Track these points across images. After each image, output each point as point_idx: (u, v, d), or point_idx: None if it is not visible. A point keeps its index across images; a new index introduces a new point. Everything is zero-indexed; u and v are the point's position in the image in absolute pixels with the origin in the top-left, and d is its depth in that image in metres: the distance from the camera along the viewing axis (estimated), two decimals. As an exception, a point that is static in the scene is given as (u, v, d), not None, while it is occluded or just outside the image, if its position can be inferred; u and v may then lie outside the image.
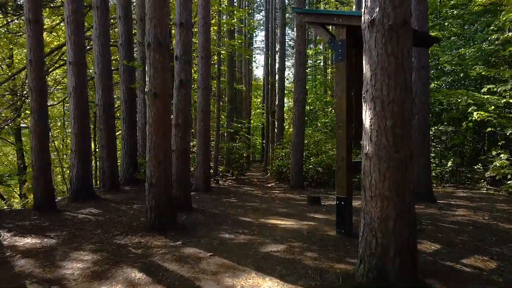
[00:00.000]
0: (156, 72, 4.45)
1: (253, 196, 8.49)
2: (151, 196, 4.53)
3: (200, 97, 8.26)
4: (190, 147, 6.22)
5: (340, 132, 4.31)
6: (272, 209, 6.30)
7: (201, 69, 8.23)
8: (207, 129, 8.40)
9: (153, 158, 4.49)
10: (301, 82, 10.25)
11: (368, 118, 2.89)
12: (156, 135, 4.48)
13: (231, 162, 13.31)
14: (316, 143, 11.86)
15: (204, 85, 8.23)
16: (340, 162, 4.33)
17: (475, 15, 12.98)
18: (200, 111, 8.27)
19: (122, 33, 9.36)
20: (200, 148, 8.29)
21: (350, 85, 4.32)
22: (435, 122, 12.20)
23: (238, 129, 15.24)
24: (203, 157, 8.31)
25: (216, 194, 8.36)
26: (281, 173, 12.34)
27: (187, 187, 5.94)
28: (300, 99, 10.25)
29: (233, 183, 11.69)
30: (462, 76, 12.28)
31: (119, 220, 5.32)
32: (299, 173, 10.20)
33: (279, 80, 15.77)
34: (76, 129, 6.81)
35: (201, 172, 8.30)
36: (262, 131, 34.63)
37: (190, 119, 5.97)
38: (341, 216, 4.36)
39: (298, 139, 10.19)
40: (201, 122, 8.27)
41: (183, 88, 5.80)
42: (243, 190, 9.96)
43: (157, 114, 4.48)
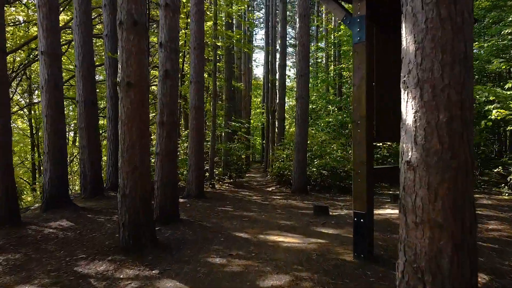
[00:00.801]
0: (130, 57, 3.59)
1: (252, 203, 7.63)
2: (124, 209, 3.68)
3: (193, 93, 7.41)
4: (177, 148, 5.37)
5: (358, 131, 3.45)
6: (272, 221, 5.44)
7: (194, 61, 7.37)
8: (201, 128, 7.55)
9: (126, 162, 3.63)
10: (304, 77, 9.39)
11: (410, 111, 2.03)
12: (129, 135, 3.62)
13: (228, 164, 12.45)
14: (320, 144, 11.00)
15: (197, 78, 7.38)
16: (358, 168, 3.47)
17: (484, 10, 12.22)
18: (192, 108, 7.42)
19: (108, 23, 8.49)
20: (192, 149, 7.44)
21: (371, 72, 3.46)
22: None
23: (236, 129, 14.38)
24: (196, 159, 7.45)
25: (210, 200, 7.50)
26: (282, 175, 11.49)
27: (173, 195, 5.09)
28: (303, 96, 9.39)
29: (231, 187, 10.83)
30: (477, 71, 11.44)
31: (91, 236, 4.46)
32: (302, 176, 9.35)
33: (280, 77, 14.90)
34: (49, 128, 5.96)
35: (193, 176, 7.45)
36: (262, 131, 33.78)
37: (177, 116, 5.13)
38: (360, 236, 3.50)
39: (301, 139, 9.34)
40: (194, 120, 7.41)
41: (168, 80, 4.95)
42: (240, 195, 9.10)
43: (131, 108, 3.62)
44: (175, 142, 5.09)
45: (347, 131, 15.60)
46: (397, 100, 4.12)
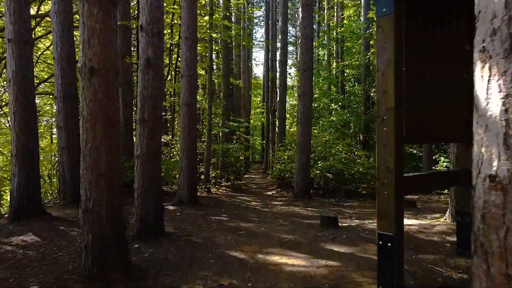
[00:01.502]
0: (93, 36, 2.84)
1: (250, 210, 6.87)
2: (87, 228, 2.92)
3: (184, 87, 6.65)
4: (161, 150, 4.61)
5: (384, 128, 2.68)
6: (273, 235, 4.67)
7: (185, 53, 6.62)
8: (193, 127, 6.79)
9: (88, 169, 2.88)
10: (307, 72, 8.63)
11: (496, 95, 1.27)
12: (93, 134, 2.86)
13: (226, 166, 11.70)
14: (324, 145, 10.24)
15: (189, 72, 6.62)
16: (384, 177, 2.70)
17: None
18: (183, 105, 6.66)
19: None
20: (184, 150, 6.68)
21: (400, 53, 2.70)
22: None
23: (235, 129, 13.63)
24: (188, 162, 6.69)
25: (204, 208, 6.74)
26: (283, 178, 10.73)
27: (157, 205, 4.33)
28: (306, 92, 8.63)
29: (228, 191, 10.07)
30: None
31: (55, 256, 3.71)
32: (305, 180, 8.59)
33: (281, 74, 14.16)
34: (17, 126, 5.20)
35: (185, 180, 6.69)
36: (262, 130, 33.04)
37: (161, 112, 4.37)
38: (386, 265, 2.74)
39: (304, 139, 8.58)
40: (185, 118, 6.66)
41: (150, 70, 4.19)
42: (238, 200, 8.34)
43: (95, 100, 2.87)
44: (158, 142, 4.33)
45: (351, 131, 14.85)
46: (431, 90, 3.38)
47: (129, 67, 8.72)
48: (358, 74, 17.47)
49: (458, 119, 3.43)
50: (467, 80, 3.32)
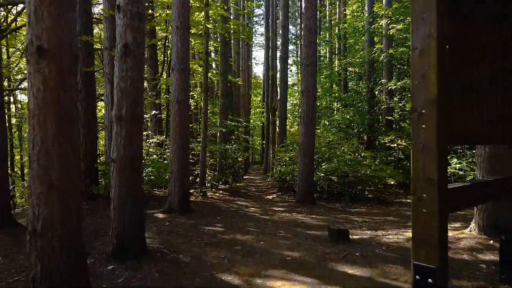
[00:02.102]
0: (42, 5, 2.19)
1: (248, 218, 6.21)
2: (35, 255, 2.27)
3: (175, 83, 6.00)
4: (142, 153, 3.96)
5: (423, 126, 2.01)
6: (274, 251, 4.02)
7: (176, 43, 5.96)
8: (185, 127, 6.14)
9: (36, 178, 2.23)
10: (310, 67, 7.98)
11: None
12: (42, 134, 2.22)
13: (223, 168, 11.05)
14: (328, 145, 9.58)
15: (180, 65, 5.97)
16: (423, 190, 2.03)
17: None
18: (174, 102, 6.01)
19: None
20: (175, 152, 6.02)
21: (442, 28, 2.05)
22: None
23: (233, 129, 12.98)
24: (179, 165, 6.04)
25: (197, 216, 6.09)
26: (284, 181, 10.08)
27: (137, 217, 3.67)
28: (310, 89, 7.98)
29: (225, 195, 9.42)
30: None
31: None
32: (308, 183, 7.94)
33: (282, 70, 13.51)
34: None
35: (176, 185, 6.03)
36: (262, 130, 32.41)
37: (141, 109, 3.72)
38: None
39: (307, 140, 7.93)
40: (176, 117, 6.00)
41: (129, 58, 3.53)
42: (236, 206, 7.69)
43: (46, 91, 2.22)
44: (139, 144, 3.68)
45: (355, 131, 14.18)
46: (476, 81, 2.73)
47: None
48: (362, 71, 16.84)
49: (507, 118, 2.79)
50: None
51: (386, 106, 13.22)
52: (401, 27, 11.56)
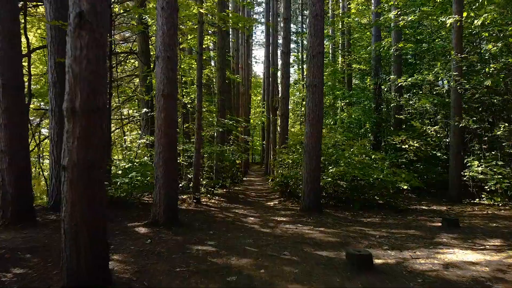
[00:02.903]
0: None
1: (247, 232, 5.30)
2: None
3: (160, 73, 5.10)
4: (104, 157, 3.06)
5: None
6: (278, 285, 3.11)
7: (161, 27, 5.06)
8: (172, 125, 5.23)
9: None
10: (317, 58, 7.09)
11: None
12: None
13: (220, 171, 10.16)
14: (335, 147, 8.69)
15: (166, 53, 5.07)
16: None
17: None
18: (159, 97, 5.11)
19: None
20: (160, 155, 5.12)
21: None
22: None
23: (231, 128, 12.07)
24: (165, 170, 5.14)
25: (186, 229, 5.18)
26: (287, 186, 9.19)
27: (98, 244, 2.76)
28: (317, 83, 7.09)
29: (221, 201, 8.52)
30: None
31: None
32: (314, 190, 7.05)
33: (283, 66, 12.62)
34: None
35: (162, 194, 5.13)
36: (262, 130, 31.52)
37: (104, 101, 2.82)
38: None
39: (313, 141, 7.03)
40: (162, 114, 5.10)
41: (85, 31, 2.64)
42: (232, 215, 6.79)
43: None
44: (99, 146, 2.77)
45: (361, 131, 13.30)
46: None
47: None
48: (367, 68, 15.96)
49: None
50: None
51: (396, 104, 12.33)
52: (412, 18, 10.66)
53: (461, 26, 8.84)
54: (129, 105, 14.16)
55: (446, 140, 10.91)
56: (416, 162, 10.62)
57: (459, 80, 8.36)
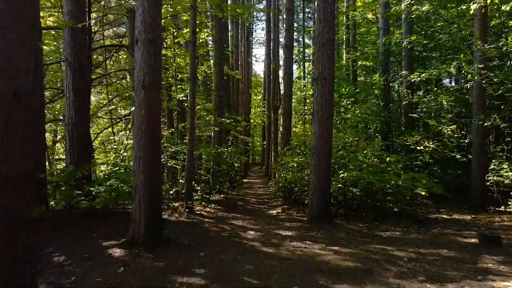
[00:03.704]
0: None
1: (245, 252, 4.37)
2: None
3: (140, 61, 4.18)
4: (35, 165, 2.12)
5: None
6: None
7: (142, 2, 4.14)
8: (155, 123, 4.30)
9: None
10: (327, 46, 6.16)
11: None
12: None
13: (217, 176, 9.24)
14: (347, 149, 7.77)
15: (147, 35, 4.15)
16: None
17: None
18: (139, 88, 4.18)
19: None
20: (140, 160, 4.20)
21: None
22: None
23: (230, 128, 11.15)
24: (147, 177, 4.22)
25: (169, 252, 4.25)
26: (291, 191, 8.26)
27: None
28: (326, 75, 6.16)
29: (218, 210, 7.59)
30: None
31: None
32: (323, 197, 6.13)
33: (286, 61, 11.69)
34: None
35: (141, 207, 4.21)
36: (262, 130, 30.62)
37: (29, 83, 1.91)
38: None
39: (322, 142, 6.11)
40: (142, 109, 4.18)
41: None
42: (229, 229, 5.85)
43: None
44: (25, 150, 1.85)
45: (371, 130, 12.37)
46: None
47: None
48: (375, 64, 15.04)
49: None
50: None
51: (407, 102, 11.39)
52: (427, 8, 9.73)
53: (485, 13, 7.94)
54: (123, 103, 13.25)
55: (464, 140, 9.98)
56: (433, 165, 9.68)
57: (485, 74, 7.43)
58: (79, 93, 6.53)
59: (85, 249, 4.16)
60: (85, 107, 6.73)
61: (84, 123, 6.65)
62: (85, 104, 6.72)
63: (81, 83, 6.51)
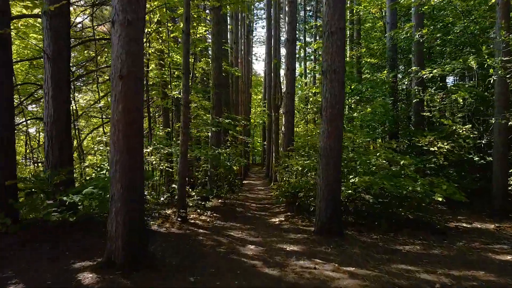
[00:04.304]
0: None
1: (244, 276, 3.65)
2: None
3: (117, 46, 3.46)
4: None
5: None
6: None
7: (118, -24, 3.43)
8: (134, 121, 3.58)
9: None
10: (337, 36, 5.45)
11: None
12: None
13: (214, 180, 8.52)
14: (357, 150, 7.05)
15: (126, 14, 3.44)
16: None
17: None
18: (116, 79, 3.47)
19: None
20: (117, 165, 3.48)
21: None
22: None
23: (229, 128, 10.43)
24: (124, 186, 3.50)
25: (152, 277, 3.54)
26: (295, 197, 7.53)
27: None
28: (336, 68, 5.44)
29: (214, 218, 6.86)
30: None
31: None
32: (333, 206, 5.42)
33: (288, 56, 10.97)
34: None
35: (118, 221, 3.49)
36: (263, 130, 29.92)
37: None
38: None
39: (332, 143, 5.40)
40: (120, 104, 3.46)
41: None
42: (226, 242, 5.13)
43: None
44: None
45: (379, 131, 11.64)
46: None
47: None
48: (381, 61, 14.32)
49: None
50: None
51: (418, 100, 10.67)
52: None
53: (508, 1, 7.22)
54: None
55: (480, 141, 9.26)
56: (449, 168, 8.96)
57: (510, 67, 6.71)
58: (59, 88, 5.82)
59: (51, 273, 3.45)
60: (65, 103, 6.01)
61: (64, 121, 5.94)
62: (65, 100, 6.00)
63: (61, 76, 5.79)
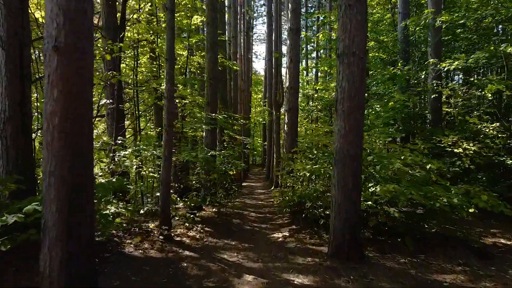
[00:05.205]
0: None
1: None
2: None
3: (52, 2, 2.37)
4: None
5: None
6: None
7: None
8: (77, 113, 2.48)
9: None
10: (355, 9, 4.35)
11: None
12: None
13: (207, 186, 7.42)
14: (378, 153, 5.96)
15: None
16: None
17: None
18: (49, 51, 2.37)
19: None
20: (51, 177, 2.39)
21: None
22: None
23: (225, 127, 9.34)
24: (63, 206, 2.40)
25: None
26: (302, 206, 6.43)
27: None
28: (355, 50, 4.35)
29: (206, 233, 5.75)
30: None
31: None
32: (351, 221, 4.33)
33: (292, 47, 9.86)
34: None
35: (53, 257, 2.38)
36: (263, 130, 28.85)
37: None
38: None
39: (349, 144, 4.31)
40: (55, 89, 2.36)
41: None
42: (216, 270, 4.02)
43: None
44: None
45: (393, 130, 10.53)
46: None
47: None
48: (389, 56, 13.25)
49: None
50: None
51: (436, 96, 9.58)
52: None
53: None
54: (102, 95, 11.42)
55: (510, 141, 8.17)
56: (476, 172, 7.87)
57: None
58: (15, 77, 4.76)
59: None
60: (24, 95, 4.93)
61: (22, 117, 4.86)
62: (23, 92, 4.92)
63: (16, 63, 4.72)
